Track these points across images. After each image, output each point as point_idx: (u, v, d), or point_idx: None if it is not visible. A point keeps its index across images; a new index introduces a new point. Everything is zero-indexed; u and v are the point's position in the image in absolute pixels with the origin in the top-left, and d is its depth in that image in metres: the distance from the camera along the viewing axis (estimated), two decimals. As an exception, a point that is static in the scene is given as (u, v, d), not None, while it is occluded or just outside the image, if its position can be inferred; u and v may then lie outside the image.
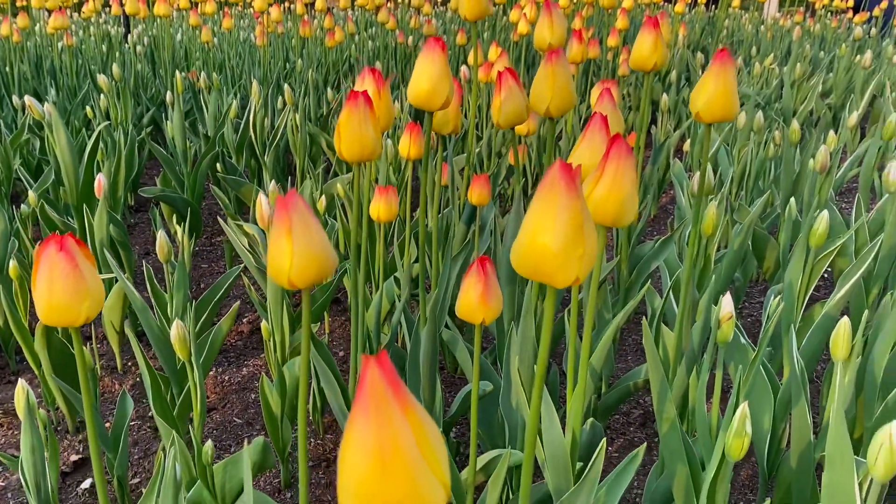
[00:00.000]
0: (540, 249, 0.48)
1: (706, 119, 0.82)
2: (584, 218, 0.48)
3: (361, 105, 0.79)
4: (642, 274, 1.26)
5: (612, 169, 0.62)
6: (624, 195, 0.62)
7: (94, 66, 3.11)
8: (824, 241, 0.98)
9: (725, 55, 0.80)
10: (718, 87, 0.80)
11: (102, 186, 1.46)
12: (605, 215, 0.63)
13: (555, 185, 0.48)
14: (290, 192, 0.55)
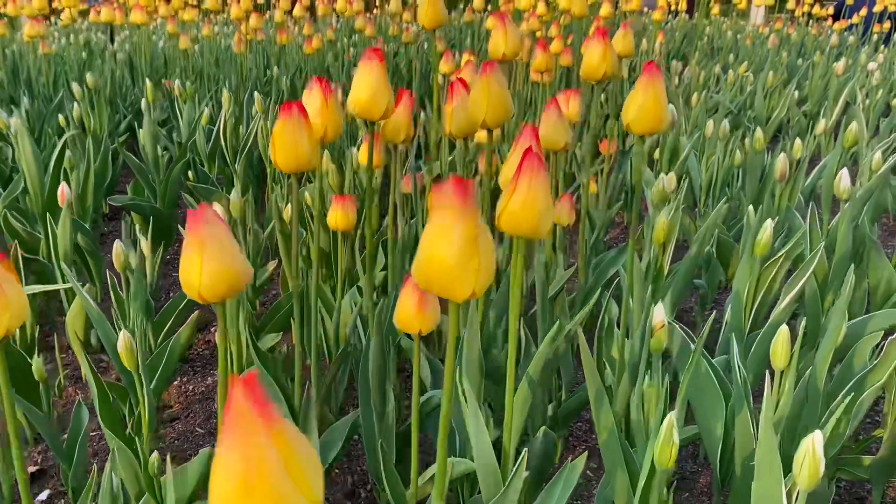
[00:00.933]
0: (437, 263, 0.49)
1: (636, 131, 0.82)
2: (479, 232, 0.49)
3: (296, 116, 0.79)
4: (600, 281, 1.27)
5: (525, 182, 0.63)
6: (537, 208, 0.63)
7: (73, 74, 3.11)
8: (768, 249, 0.98)
9: (653, 68, 0.80)
10: (647, 99, 0.80)
11: (65, 196, 1.46)
12: (520, 227, 0.64)
13: (448, 200, 0.48)
14: (201, 205, 0.55)
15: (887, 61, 3.53)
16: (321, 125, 0.91)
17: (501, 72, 0.86)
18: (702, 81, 2.71)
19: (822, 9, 6.00)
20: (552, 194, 0.93)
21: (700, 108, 2.15)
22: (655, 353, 0.76)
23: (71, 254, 1.47)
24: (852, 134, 1.46)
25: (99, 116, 2.50)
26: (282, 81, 2.63)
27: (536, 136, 0.74)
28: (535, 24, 2.71)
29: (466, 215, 0.48)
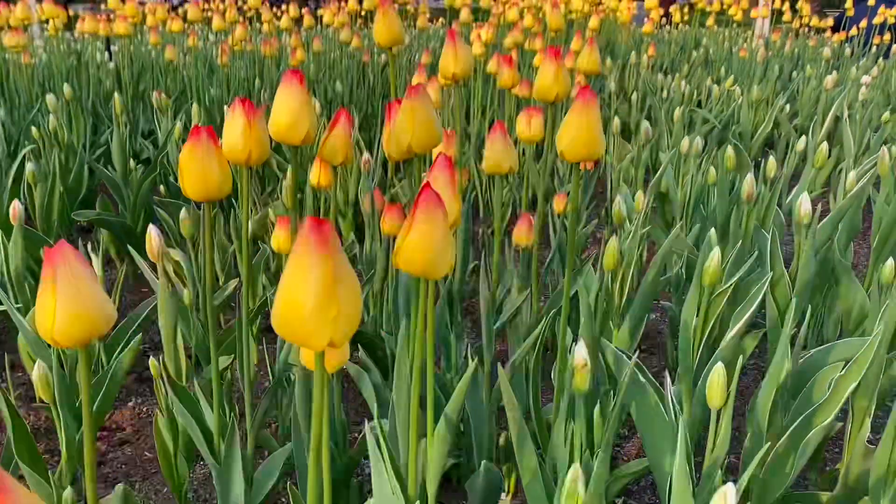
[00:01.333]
0: (292, 310, 0.45)
1: (570, 158, 0.79)
2: (339, 277, 0.45)
3: (204, 141, 0.76)
4: (556, 304, 1.23)
5: (421, 219, 0.59)
6: (433, 245, 0.59)
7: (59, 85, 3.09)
8: (716, 278, 0.94)
9: (587, 93, 0.77)
10: (581, 126, 0.77)
11: (17, 213, 1.43)
12: (415, 265, 0.60)
13: (306, 242, 0.45)
14: (59, 242, 0.52)
15: (883, 74, 3.48)
16: (245, 148, 0.87)
17: (428, 96, 0.82)
18: (687, 95, 2.67)
19: (821, 20, 5.96)
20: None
21: (680, 123, 2.11)
22: (578, 393, 0.72)
23: (23, 271, 1.44)
24: (822, 153, 1.42)
25: (76, 128, 2.48)
26: (264, 95, 2.60)
27: (450, 164, 0.71)
28: (519, 37, 2.68)
29: (324, 259, 0.45)
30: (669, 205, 2.00)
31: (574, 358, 0.71)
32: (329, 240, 0.45)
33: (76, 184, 2.22)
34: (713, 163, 1.92)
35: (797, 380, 1.12)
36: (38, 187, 1.74)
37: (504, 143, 0.99)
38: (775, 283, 1.21)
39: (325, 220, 0.46)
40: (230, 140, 0.87)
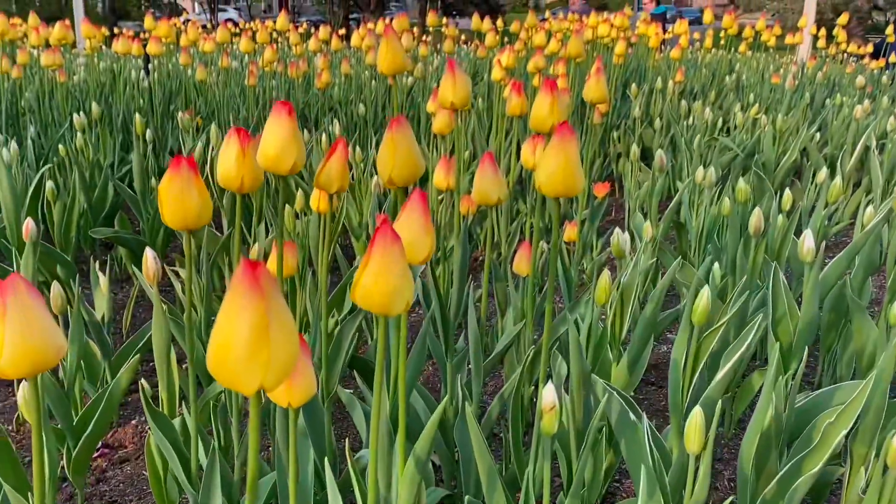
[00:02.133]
0: (222, 352, 0.45)
1: (548, 193, 0.78)
2: (272, 320, 0.45)
3: (184, 171, 0.77)
4: (552, 337, 1.21)
5: (378, 256, 0.59)
6: (390, 284, 0.59)
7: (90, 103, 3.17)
8: (706, 318, 0.92)
9: (566, 129, 0.76)
10: (559, 162, 0.76)
11: (30, 232, 1.46)
12: (371, 302, 0.60)
13: (239, 284, 0.45)
14: (11, 274, 0.53)
15: (920, 103, 3.40)
16: (238, 175, 0.89)
17: (409, 129, 0.82)
18: (711, 123, 2.64)
19: (860, 47, 5.85)
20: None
21: (698, 152, 2.08)
22: (546, 436, 0.71)
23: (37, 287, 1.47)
24: (836, 188, 1.39)
25: (103, 146, 2.54)
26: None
27: (424, 199, 0.70)
28: (541, 62, 2.68)
29: (256, 303, 0.45)
30: (686, 234, 1.97)
31: (542, 400, 0.70)
32: (262, 283, 0.45)
33: (100, 200, 2.27)
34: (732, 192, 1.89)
35: (800, 421, 1.09)
36: (57, 205, 1.78)
37: (493, 174, 0.99)
38: (778, 320, 1.18)
39: (260, 262, 0.46)
40: (224, 167, 0.89)
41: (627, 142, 3.07)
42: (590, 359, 1.12)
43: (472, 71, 4.25)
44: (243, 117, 2.90)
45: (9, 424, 1.49)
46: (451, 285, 1.26)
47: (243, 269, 0.45)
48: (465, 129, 2.77)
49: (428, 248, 0.69)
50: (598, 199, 2.24)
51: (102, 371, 1.45)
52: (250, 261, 0.46)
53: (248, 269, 0.45)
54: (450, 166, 1.34)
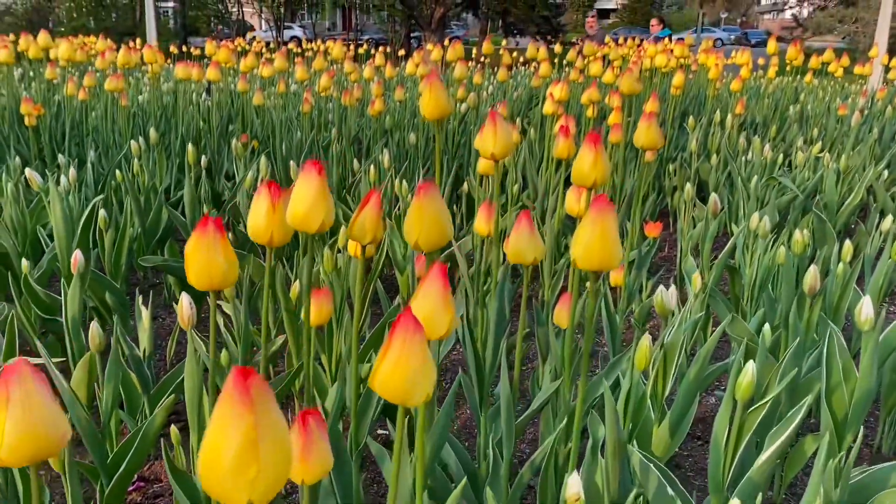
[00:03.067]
0: (211, 463, 0.43)
1: (582, 267, 0.74)
2: (262, 435, 0.43)
3: (211, 233, 0.76)
4: (588, 399, 1.17)
5: (398, 345, 0.57)
6: (408, 373, 0.56)
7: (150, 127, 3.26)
8: (750, 394, 0.87)
9: (603, 202, 0.72)
10: (595, 235, 0.73)
11: (77, 263, 1.49)
12: (390, 392, 0.58)
13: (229, 396, 0.43)
14: (18, 360, 0.52)
15: None
16: (268, 230, 0.88)
17: (438, 192, 0.80)
18: (770, 160, 2.54)
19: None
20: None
21: (754, 196, 2.01)
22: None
23: (79, 316, 1.50)
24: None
25: (159, 171, 2.59)
26: (337, 144, 2.65)
27: (444, 273, 0.68)
28: (595, 94, 2.63)
29: (245, 417, 0.43)
30: (740, 279, 1.90)
31: (567, 489, 0.66)
32: (252, 395, 0.43)
33: (154, 224, 2.31)
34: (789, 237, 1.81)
35: (856, 497, 1.02)
36: (108, 233, 1.82)
37: (529, 234, 0.95)
38: (832, 389, 1.11)
39: (253, 370, 0.44)
40: (254, 222, 0.88)
41: (683, 175, 2.99)
42: (629, 419, 1.07)
43: (527, 97, 4.23)
44: (297, 141, 2.93)
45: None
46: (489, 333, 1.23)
47: (234, 379, 0.43)
48: (515, 161, 2.74)
49: (447, 324, 0.67)
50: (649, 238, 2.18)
51: (142, 404, 1.46)
52: (243, 369, 0.44)
53: (239, 380, 0.43)
54: (490, 212, 1.31)
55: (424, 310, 0.68)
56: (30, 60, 3.43)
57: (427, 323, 0.67)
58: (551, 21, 23.61)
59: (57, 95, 3.36)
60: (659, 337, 1.21)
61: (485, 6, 22.11)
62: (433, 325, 0.66)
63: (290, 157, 2.84)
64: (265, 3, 24.51)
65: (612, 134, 2.21)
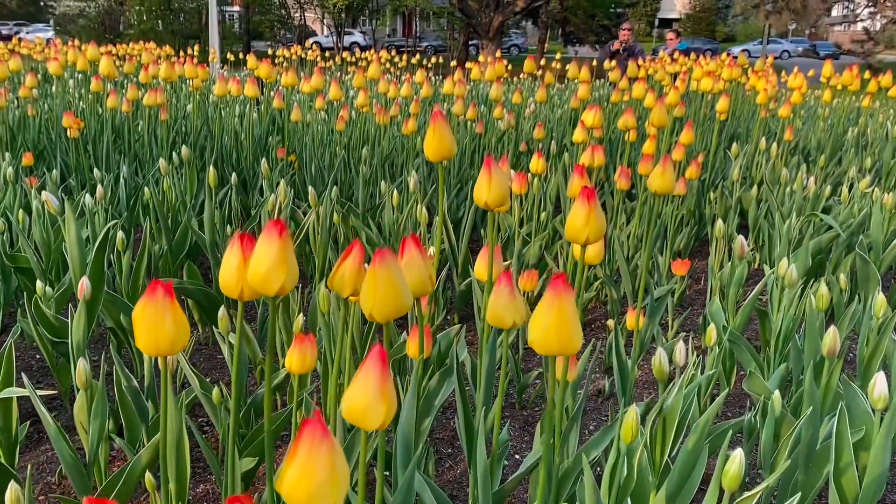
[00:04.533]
0: None
1: (539, 351, 0.69)
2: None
3: (160, 298, 0.74)
4: (578, 465, 1.11)
5: (304, 454, 0.53)
6: (314, 483, 0.52)
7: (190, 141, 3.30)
8: (737, 484, 0.80)
9: (560, 283, 0.67)
10: (551, 320, 0.68)
11: (84, 290, 1.50)
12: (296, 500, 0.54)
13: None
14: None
15: None
16: (238, 285, 0.85)
17: (395, 261, 0.76)
18: (813, 194, 2.42)
19: None
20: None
21: (786, 235, 1.91)
22: None
23: (85, 342, 1.50)
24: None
25: (190, 188, 2.62)
26: (365, 165, 2.64)
27: (383, 357, 0.64)
28: (630, 120, 2.56)
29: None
30: (769, 324, 1.80)
31: None
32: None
33: (181, 241, 2.33)
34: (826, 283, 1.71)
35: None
36: (125, 255, 1.83)
37: (510, 296, 0.91)
38: (842, 470, 1.03)
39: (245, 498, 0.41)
40: (225, 276, 0.86)
41: (724, 205, 2.88)
42: (614, 491, 1.01)
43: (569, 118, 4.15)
44: (331, 155, 2.93)
45: (52, 475, 1.52)
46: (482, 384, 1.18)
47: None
48: (545, 188, 2.68)
49: (381, 417, 0.63)
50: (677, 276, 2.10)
51: (141, 434, 1.45)
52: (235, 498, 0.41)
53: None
54: (487, 258, 1.27)
55: (359, 400, 0.64)
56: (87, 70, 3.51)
57: (361, 414, 0.64)
58: (611, 30, 23.31)
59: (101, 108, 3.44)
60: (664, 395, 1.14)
61: (544, 15, 21.96)
62: (367, 417, 0.63)
63: (321, 177, 2.84)
64: (327, 9, 24.82)
65: (641, 165, 2.14)
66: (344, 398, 0.63)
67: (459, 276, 2.33)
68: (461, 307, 2.31)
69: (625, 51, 5.52)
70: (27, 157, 2.58)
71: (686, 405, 1.11)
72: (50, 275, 2.06)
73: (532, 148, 3.28)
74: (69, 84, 3.90)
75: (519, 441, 1.71)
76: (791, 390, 1.51)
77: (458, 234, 2.37)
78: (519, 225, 2.34)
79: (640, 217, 2.28)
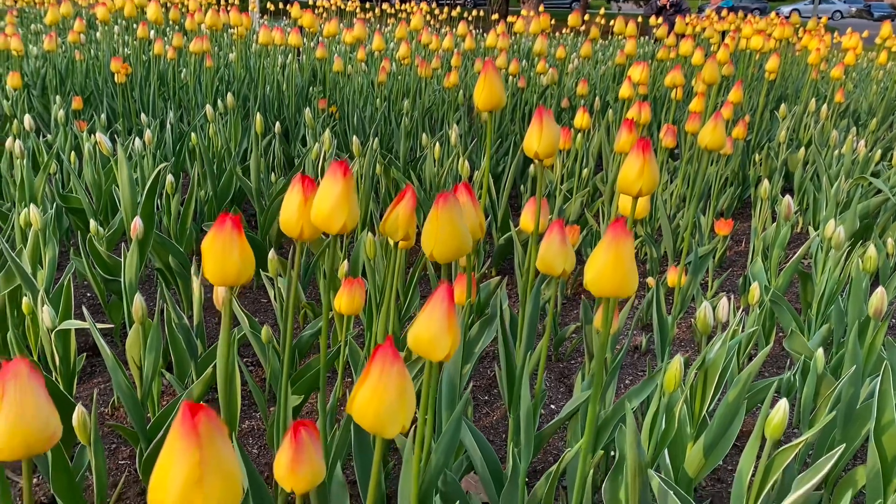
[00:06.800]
0: (159, 492, 0.44)
1: (594, 292, 0.71)
2: (207, 471, 0.43)
3: (227, 230, 0.76)
4: (616, 415, 1.13)
5: (376, 375, 0.55)
6: (384, 404, 0.55)
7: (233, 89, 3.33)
8: (780, 433, 0.82)
9: (620, 226, 0.69)
10: (608, 261, 0.69)
11: (137, 230, 1.54)
12: (365, 421, 0.57)
13: (177, 430, 0.43)
14: (15, 359, 0.54)
15: None
16: (298, 224, 0.88)
17: (457, 205, 0.78)
18: (862, 157, 2.37)
19: None
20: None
21: (833, 197, 1.88)
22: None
23: (137, 280, 1.55)
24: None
25: (235, 135, 2.65)
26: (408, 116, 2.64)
27: (450, 294, 0.66)
28: (678, 77, 2.52)
29: (192, 451, 0.43)
30: (812, 287, 1.79)
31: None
32: (199, 431, 0.43)
33: (226, 187, 2.37)
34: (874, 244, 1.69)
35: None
36: (174, 198, 1.87)
37: (561, 244, 0.92)
38: (883, 428, 1.03)
39: (202, 406, 0.44)
40: (286, 216, 0.88)
41: (769, 166, 2.84)
42: (654, 439, 1.03)
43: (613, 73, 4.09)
44: (372, 109, 2.93)
45: (104, 407, 1.58)
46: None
47: (182, 414, 0.43)
48: (587, 145, 2.66)
49: (447, 349, 0.65)
50: (720, 236, 2.08)
51: (190, 370, 1.51)
52: (192, 405, 0.44)
53: (187, 416, 0.43)
54: (535, 208, 1.28)
55: (426, 332, 0.66)
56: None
57: (428, 345, 0.66)
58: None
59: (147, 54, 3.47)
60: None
61: (587, -31, 21.41)
62: (434, 348, 0.65)
63: (362, 128, 2.85)
64: (366, -40, 24.51)
65: (689, 122, 2.11)
66: (411, 330, 0.65)
67: (499, 230, 2.35)
68: (499, 262, 2.33)
69: (672, 6, 5.38)
70: (77, 100, 2.62)
71: (728, 359, 1.12)
72: (100, 216, 2.11)
73: (574, 104, 3.25)
74: (115, 30, 3.93)
75: (554, 392, 1.73)
76: (832, 352, 1.51)
77: (499, 189, 2.38)
78: (560, 181, 2.34)
79: (684, 176, 2.26)
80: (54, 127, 2.56)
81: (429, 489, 0.87)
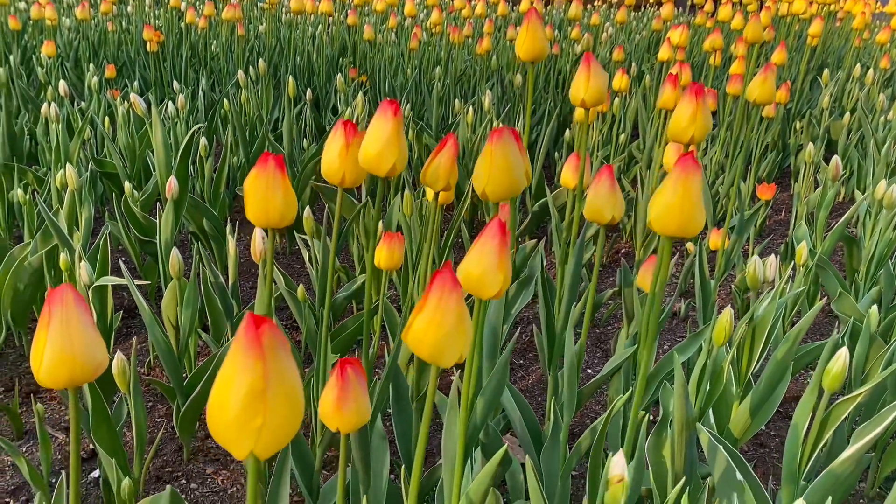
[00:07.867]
0: (218, 411, 0.42)
1: (658, 231, 0.68)
2: (273, 384, 0.41)
3: (271, 169, 0.75)
4: (659, 373, 1.11)
5: (434, 302, 0.53)
6: (443, 332, 0.53)
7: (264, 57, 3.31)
8: (839, 384, 0.79)
9: (689, 159, 0.66)
10: (675, 198, 0.66)
11: (172, 189, 1.54)
12: (421, 349, 0.55)
13: (240, 342, 0.41)
14: (62, 286, 0.53)
15: None
16: (340, 170, 0.86)
17: (512, 141, 0.75)
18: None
19: None
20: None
21: (884, 158, 1.82)
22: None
23: (172, 240, 1.55)
24: None
25: (266, 102, 2.64)
26: (439, 83, 2.60)
27: (503, 229, 0.64)
28: (717, 40, 2.45)
29: (255, 365, 0.41)
30: (858, 252, 1.74)
31: (609, 469, 0.62)
32: (263, 342, 0.41)
33: (258, 153, 2.36)
34: None
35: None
36: (208, 161, 1.87)
37: (610, 190, 0.89)
38: None
39: (266, 319, 0.42)
40: (328, 161, 0.86)
41: (810, 133, 2.77)
42: (702, 395, 1.00)
43: (648, 41, 4.01)
44: (402, 79, 2.90)
45: (140, 366, 1.59)
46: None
47: (246, 325, 0.41)
48: (625, 110, 2.61)
49: (499, 285, 0.63)
50: (762, 201, 2.03)
51: (226, 330, 1.51)
52: (256, 316, 0.42)
53: (251, 327, 0.41)
54: (577, 164, 1.25)
55: (477, 267, 0.64)
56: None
57: (478, 281, 0.64)
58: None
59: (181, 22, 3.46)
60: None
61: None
62: (484, 284, 0.63)
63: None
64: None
65: (730, 84, 2.06)
66: (461, 266, 0.63)
67: (532, 197, 2.31)
68: (532, 230, 2.30)
69: None
70: (110, 68, 2.63)
71: (776, 317, 1.09)
72: (134, 180, 2.12)
73: (610, 72, 3.19)
74: (146, 1, 3.93)
75: (591, 356, 1.71)
76: (881, 316, 1.47)
77: (533, 156, 2.34)
78: (596, 148, 2.30)
79: (724, 141, 2.21)
80: (88, 95, 2.57)
81: (472, 437, 0.86)
